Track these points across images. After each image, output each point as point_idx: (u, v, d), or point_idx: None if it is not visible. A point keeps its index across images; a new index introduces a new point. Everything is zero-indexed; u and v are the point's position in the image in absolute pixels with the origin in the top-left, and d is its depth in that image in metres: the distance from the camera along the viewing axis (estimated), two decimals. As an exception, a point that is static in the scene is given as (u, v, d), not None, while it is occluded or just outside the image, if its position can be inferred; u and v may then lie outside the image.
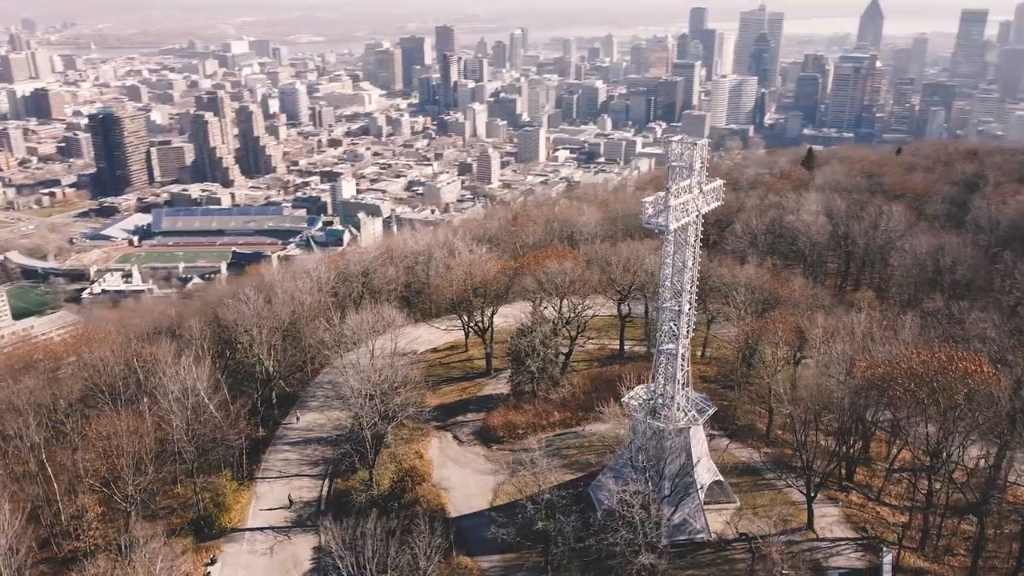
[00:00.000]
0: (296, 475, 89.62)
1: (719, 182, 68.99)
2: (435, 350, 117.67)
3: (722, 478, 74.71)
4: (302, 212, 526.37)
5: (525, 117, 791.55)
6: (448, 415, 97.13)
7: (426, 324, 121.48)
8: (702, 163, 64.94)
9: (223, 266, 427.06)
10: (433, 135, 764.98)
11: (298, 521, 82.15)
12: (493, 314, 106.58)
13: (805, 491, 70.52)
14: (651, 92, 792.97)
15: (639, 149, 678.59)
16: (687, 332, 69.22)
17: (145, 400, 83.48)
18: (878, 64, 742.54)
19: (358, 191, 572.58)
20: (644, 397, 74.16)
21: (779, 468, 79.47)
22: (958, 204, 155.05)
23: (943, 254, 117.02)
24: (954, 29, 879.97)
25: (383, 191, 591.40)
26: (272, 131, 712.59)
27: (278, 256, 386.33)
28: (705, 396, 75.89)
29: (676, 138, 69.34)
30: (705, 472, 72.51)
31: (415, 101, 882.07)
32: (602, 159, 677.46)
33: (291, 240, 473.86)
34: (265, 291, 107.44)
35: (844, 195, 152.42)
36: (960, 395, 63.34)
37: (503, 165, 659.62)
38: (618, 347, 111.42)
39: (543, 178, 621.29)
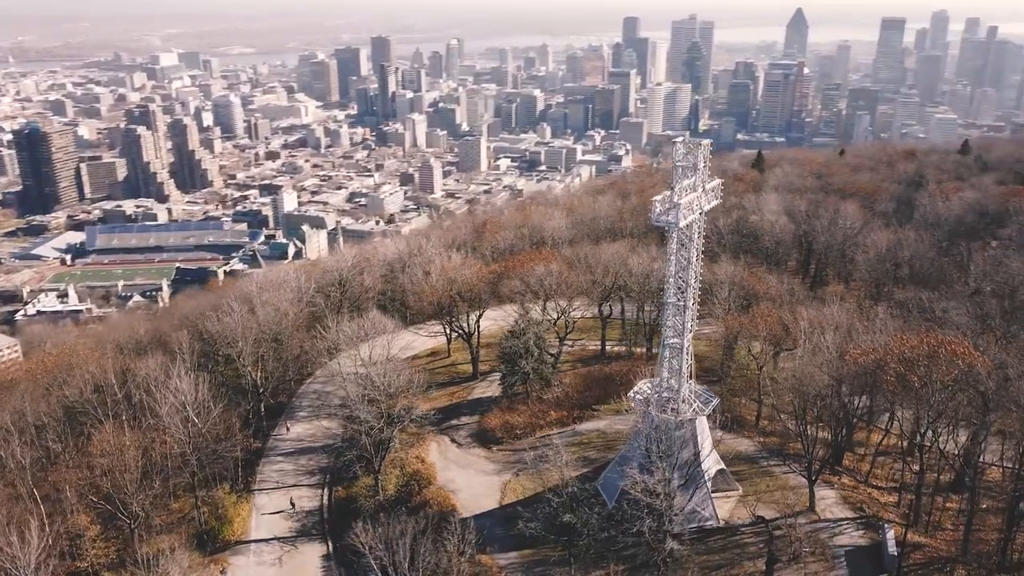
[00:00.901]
0: (293, 485, 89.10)
1: (718, 181, 71.72)
2: (416, 356, 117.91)
3: (724, 467, 77.22)
4: (243, 226, 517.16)
5: (464, 127, 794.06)
6: (441, 419, 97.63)
7: (405, 331, 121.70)
8: (705, 163, 67.49)
9: (164, 283, 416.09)
10: (373, 146, 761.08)
11: (303, 530, 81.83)
12: (480, 318, 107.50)
13: (807, 475, 73.44)
14: (588, 100, 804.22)
15: (579, 157, 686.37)
16: (691, 327, 71.61)
17: (146, 414, 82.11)
18: (806, 71, 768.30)
19: (300, 204, 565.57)
20: (649, 391, 76.10)
21: (776, 455, 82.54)
22: (904, 201, 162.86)
23: (901, 248, 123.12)
24: (875, 37, 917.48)
25: (325, 203, 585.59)
26: (207, 145, 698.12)
27: (224, 271, 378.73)
28: (707, 388, 78.33)
29: (679, 139, 71.80)
30: (710, 461, 74.91)
31: (353, 112, 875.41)
32: (543, 167, 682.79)
33: (234, 255, 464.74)
34: (246, 302, 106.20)
35: (799, 195, 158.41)
36: (950, 376, 67.06)
37: (445, 175, 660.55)
38: (599, 347, 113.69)
39: (486, 187, 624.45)
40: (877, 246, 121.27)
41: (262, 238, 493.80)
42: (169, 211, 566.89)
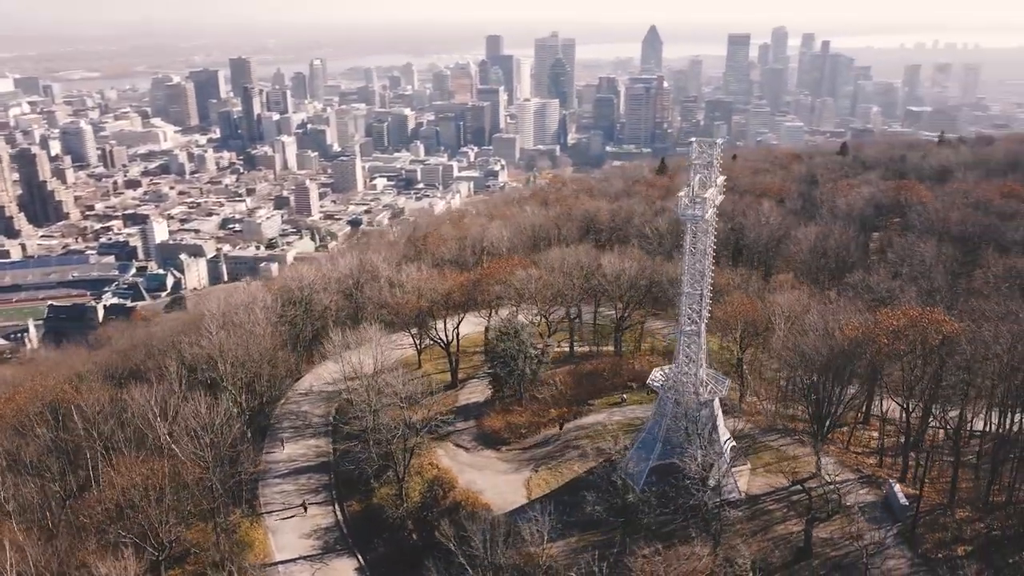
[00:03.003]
0: (300, 505, 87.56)
1: (723, 178, 77.33)
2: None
3: (735, 443, 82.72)
4: (111, 259, 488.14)
5: (336, 148, 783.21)
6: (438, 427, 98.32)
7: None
8: (718, 161, 73.04)
9: (31, 324, 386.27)
10: (241, 170, 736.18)
11: (326, 547, 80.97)
12: (459, 325, 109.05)
13: (814, 442, 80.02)
14: (459, 117, 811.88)
15: (456, 173, 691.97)
16: (706, 314, 76.74)
17: (144, 442, 78.75)
18: (665, 84, 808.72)
19: (169, 232, 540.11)
20: (662, 378, 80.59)
21: (770, 432, 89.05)
22: (808, 198, 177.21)
23: (826, 239, 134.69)
24: (723, 52, 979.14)
25: (196, 231, 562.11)
26: (59, 175, 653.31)
27: (104, 306, 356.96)
28: (717, 372, 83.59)
29: (694, 139, 76.96)
30: (725, 439, 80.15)
31: (216, 136, 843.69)
32: (421, 184, 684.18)
33: (106, 289, 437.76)
34: (220, 325, 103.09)
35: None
36: (936, 341, 75.43)
37: (321, 196, 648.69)
38: (567, 349, 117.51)
39: (365, 207, 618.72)
40: (808, 239, 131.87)
41: (133, 270, 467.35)
42: (23, 247, 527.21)
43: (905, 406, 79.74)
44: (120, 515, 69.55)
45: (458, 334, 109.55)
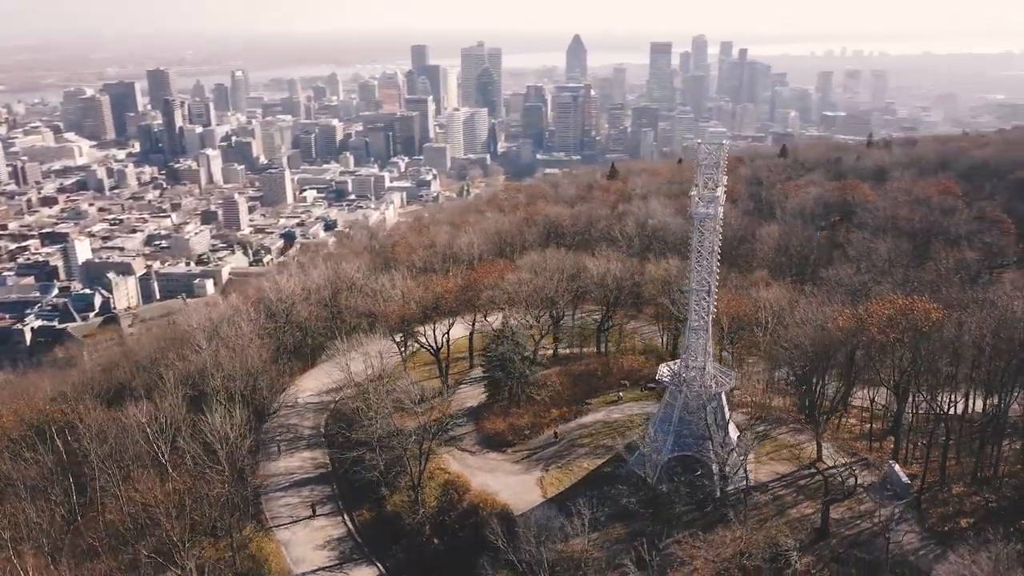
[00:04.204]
0: (308, 517, 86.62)
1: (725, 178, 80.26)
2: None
3: (739, 433, 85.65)
4: (30, 280, 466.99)
5: (263, 160, 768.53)
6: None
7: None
8: (724, 161, 75.95)
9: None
10: (164, 185, 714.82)
11: (343, 557, 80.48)
12: (449, 331, 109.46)
13: (814, 430, 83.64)
14: (388, 128, 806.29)
15: (388, 184, 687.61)
16: (713, 310, 79.51)
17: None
18: (592, 92, 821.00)
19: (92, 251, 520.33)
20: (669, 372, 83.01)
21: (766, 421, 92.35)
22: (757, 199, 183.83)
23: (788, 238, 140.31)
24: (646, 60, 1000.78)
25: (121, 248, 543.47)
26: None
27: (31, 328, 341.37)
28: (722, 366, 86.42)
29: (699, 141, 79.66)
30: (732, 429, 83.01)
31: (135, 150, 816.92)
32: (352, 196, 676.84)
33: (28, 312, 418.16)
34: (208, 338, 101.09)
35: (674, 199, 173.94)
36: (926, 327, 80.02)
37: (250, 210, 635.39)
38: (551, 351, 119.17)
39: (297, 219, 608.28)
40: (772, 238, 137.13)
41: (56, 291, 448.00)
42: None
43: (896, 391, 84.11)
44: (141, 533, 67.75)
45: (448, 339, 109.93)
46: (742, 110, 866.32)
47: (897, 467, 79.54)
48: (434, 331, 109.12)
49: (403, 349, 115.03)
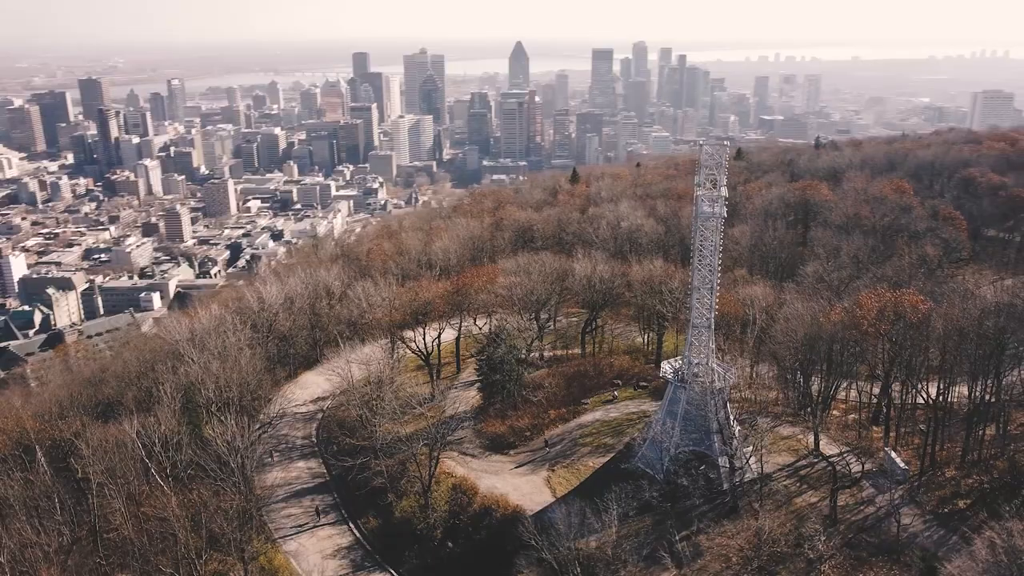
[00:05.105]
0: (313, 527, 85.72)
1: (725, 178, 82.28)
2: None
3: (739, 427, 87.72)
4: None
5: (204, 170, 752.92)
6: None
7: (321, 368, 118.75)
8: (727, 162, 78.01)
9: None
10: (101, 197, 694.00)
11: (356, 566, 79.99)
12: (439, 336, 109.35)
13: (813, 422, 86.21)
14: (332, 136, 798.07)
15: (334, 192, 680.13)
16: (715, 306, 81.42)
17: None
18: (537, 99, 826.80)
19: (28, 266, 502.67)
20: (674, 369, 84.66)
21: (759, 415, 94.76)
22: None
23: (761, 237, 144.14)
24: (588, 66, 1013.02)
25: (58, 263, 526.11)
26: None
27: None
28: (723, 362, 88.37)
29: (702, 140, 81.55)
30: (734, 423, 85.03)
31: (68, 162, 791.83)
32: (298, 205, 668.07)
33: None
34: (199, 350, 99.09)
35: (641, 202, 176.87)
36: (914, 318, 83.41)
37: (193, 221, 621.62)
38: (537, 354, 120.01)
39: (243, 230, 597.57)
40: (745, 236, 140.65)
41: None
42: None
43: (886, 381, 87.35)
44: (161, 548, 66.25)
45: (439, 344, 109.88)
46: (683, 115, 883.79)
47: (893, 454, 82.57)
48: (424, 336, 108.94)
49: (391, 355, 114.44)
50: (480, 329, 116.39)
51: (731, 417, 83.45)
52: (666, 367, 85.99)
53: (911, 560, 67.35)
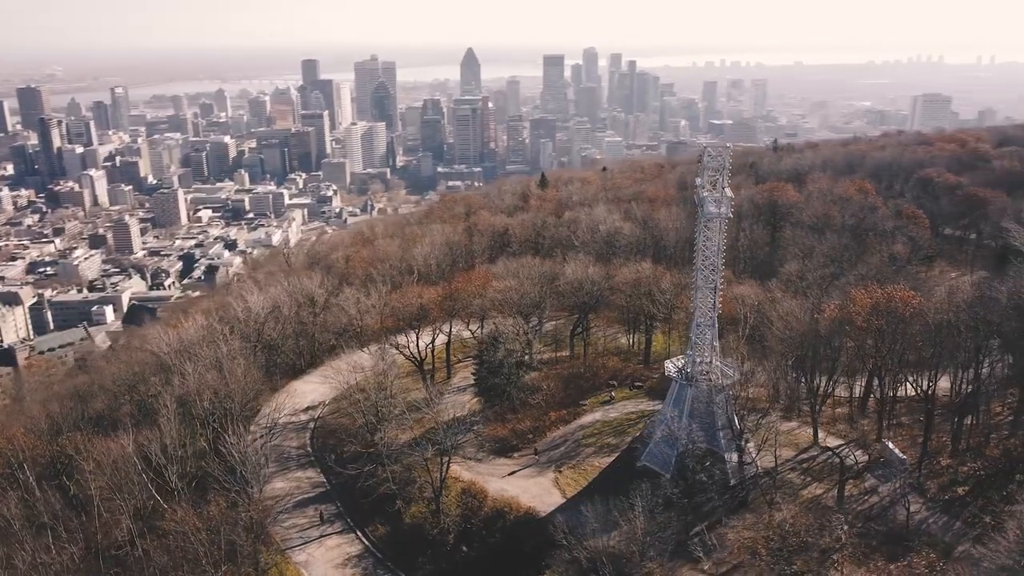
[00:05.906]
0: (320, 537, 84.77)
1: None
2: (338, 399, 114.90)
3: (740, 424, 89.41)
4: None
5: (151, 180, 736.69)
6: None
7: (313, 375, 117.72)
8: (729, 164, 79.73)
9: None
10: (44, 209, 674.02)
11: (369, 573, 79.12)
12: (433, 341, 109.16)
13: (812, 417, 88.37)
14: (284, 144, 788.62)
15: (287, 201, 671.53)
16: (718, 305, 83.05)
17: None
18: (490, 105, 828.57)
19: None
20: (678, 367, 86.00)
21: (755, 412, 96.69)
22: (691, 202, 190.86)
23: (736, 237, 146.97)
24: (539, 72, 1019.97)
25: (2, 277, 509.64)
26: None
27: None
28: (726, 360, 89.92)
29: (704, 143, 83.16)
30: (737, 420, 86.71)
31: (8, 173, 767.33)
32: (251, 214, 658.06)
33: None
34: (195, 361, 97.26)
35: (615, 205, 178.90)
36: (906, 313, 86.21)
37: (142, 232, 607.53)
38: (528, 356, 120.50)
39: (195, 240, 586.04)
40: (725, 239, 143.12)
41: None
42: None
43: (879, 375, 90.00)
44: (176, 563, 64.96)
45: (433, 349, 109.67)
46: (634, 120, 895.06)
47: (891, 445, 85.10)
48: (417, 341, 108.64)
49: (383, 361, 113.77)
50: (472, 334, 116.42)
51: (734, 414, 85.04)
52: (670, 366, 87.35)
53: (920, 546, 69.56)
